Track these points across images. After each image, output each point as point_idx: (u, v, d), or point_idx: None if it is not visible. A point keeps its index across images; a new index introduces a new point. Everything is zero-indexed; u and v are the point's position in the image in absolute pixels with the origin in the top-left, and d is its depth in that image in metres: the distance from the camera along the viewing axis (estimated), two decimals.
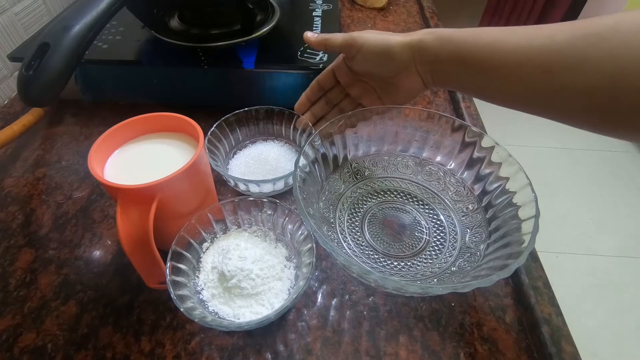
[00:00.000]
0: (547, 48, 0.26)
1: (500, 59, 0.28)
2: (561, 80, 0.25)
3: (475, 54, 0.30)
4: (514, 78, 0.28)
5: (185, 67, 0.47)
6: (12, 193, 0.41)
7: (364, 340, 0.30)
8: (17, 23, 0.55)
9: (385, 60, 0.34)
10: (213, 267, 0.31)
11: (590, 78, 0.24)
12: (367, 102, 0.39)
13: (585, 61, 0.24)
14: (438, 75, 0.34)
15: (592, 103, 0.25)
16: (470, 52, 0.30)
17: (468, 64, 0.30)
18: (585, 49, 0.24)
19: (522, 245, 0.28)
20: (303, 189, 0.32)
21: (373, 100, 0.39)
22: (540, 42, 0.26)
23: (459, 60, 0.31)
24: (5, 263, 0.35)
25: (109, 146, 0.31)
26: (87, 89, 0.49)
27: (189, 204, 0.32)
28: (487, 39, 0.29)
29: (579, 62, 0.24)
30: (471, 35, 0.30)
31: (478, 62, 0.30)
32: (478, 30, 0.30)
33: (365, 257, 0.35)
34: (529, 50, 0.27)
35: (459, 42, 0.31)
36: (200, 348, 0.30)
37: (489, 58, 0.29)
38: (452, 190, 0.39)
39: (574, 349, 0.29)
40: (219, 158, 0.41)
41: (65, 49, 0.32)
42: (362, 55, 0.35)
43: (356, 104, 0.41)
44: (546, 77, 0.26)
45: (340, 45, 0.36)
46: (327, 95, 0.41)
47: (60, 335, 0.30)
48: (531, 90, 0.28)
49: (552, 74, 0.26)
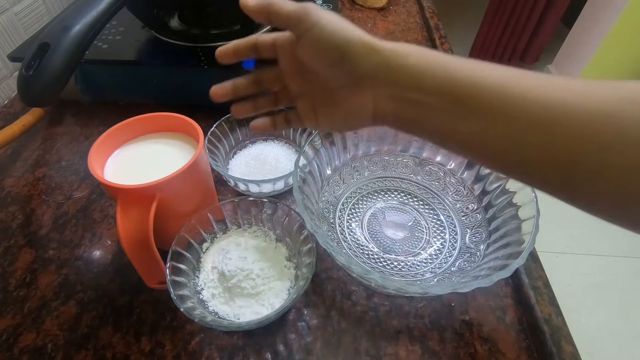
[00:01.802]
0: (586, 109, 0.19)
1: (518, 108, 0.21)
2: (605, 154, 0.19)
3: (480, 93, 0.21)
4: (533, 137, 0.20)
5: (185, 67, 0.46)
6: (12, 193, 0.41)
7: (364, 340, 0.30)
8: (17, 23, 0.55)
9: (338, 58, 0.24)
10: (213, 267, 0.31)
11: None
12: (301, 106, 0.29)
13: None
14: (405, 108, 0.24)
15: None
16: (474, 89, 0.22)
17: (465, 103, 0.22)
18: (638, 120, 0.18)
19: (522, 245, 0.28)
20: (303, 189, 0.32)
21: (308, 107, 0.29)
22: (576, 98, 0.19)
23: (452, 95, 0.22)
24: (5, 263, 0.35)
25: (109, 146, 0.31)
26: (87, 89, 0.49)
27: (189, 204, 0.32)
28: (498, 77, 0.21)
29: (630, 135, 0.18)
30: (474, 68, 0.22)
31: (482, 105, 0.21)
32: (479, 63, 0.23)
33: (365, 257, 0.35)
34: (558, 106, 0.20)
35: (456, 72, 0.22)
36: (200, 348, 0.30)
37: (501, 103, 0.21)
38: (452, 190, 0.39)
39: (574, 349, 0.29)
40: (219, 158, 0.41)
41: (65, 49, 0.32)
42: (311, 38, 0.24)
43: (290, 101, 0.30)
44: (584, 145, 0.19)
45: (288, 15, 0.25)
46: (259, 73, 0.30)
47: (60, 335, 0.30)
48: (553, 155, 0.20)
49: (593, 144, 0.19)
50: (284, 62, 0.29)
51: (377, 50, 0.23)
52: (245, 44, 0.29)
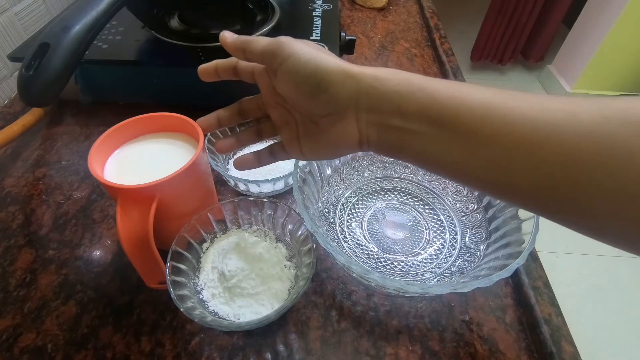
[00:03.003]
0: (572, 129, 0.18)
1: (501, 131, 0.20)
2: (592, 175, 0.18)
3: (463, 116, 0.21)
4: (518, 160, 0.20)
5: (185, 67, 0.46)
6: (12, 193, 0.41)
7: (364, 340, 0.30)
8: (17, 23, 0.55)
9: (314, 88, 0.24)
10: (213, 267, 0.31)
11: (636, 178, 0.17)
12: (284, 137, 0.28)
13: (629, 156, 0.17)
14: (389, 134, 0.23)
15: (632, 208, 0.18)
16: (456, 112, 0.21)
17: (448, 127, 0.21)
18: (627, 140, 0.17)
19: (522, 245, 0.28)
20: (303, 189, 0.32)
21: (291, 137, 0.28)
22: (561, 119, 0.19)
23: (434, 119, 0.21)
24: (5, 263, 0.35)
25: (109, 146, 0.31)
26: (87, 89, 0.49)
27: (189, 204, 0.32)
28: (481, 99, 0.21)
29: (618, 156, 0.18)
30: (456, 90, 0.22)
31: (465, 129, 0.21)
32: (461, 85, 0.22)
33: (365, 257, 0.35)
34: (544, 126, 0.19)
35: (437, 95, 0.21)
36: (200, 348, 0.30)
37: (484, 126, 0.20)
38: (452, 190, 0.39)
39: (574, 349, 0.29)
40: (219, 158, 0.41)
41: (65, 49, 0.32)
42: (286, 70, 0.24)
43: (273, 135, 0.30)
44: (570, 167, 0.19)
45: (262, 50, 0.25)
46: (242, 103, 0.31)
47: (60, 335, 0.30)
48: (540, 178, 0.20)
49: (579, 165, 0.18)
50: (264, 92, 0.29)
51: (355, 76, 0.23)
52: (226, 65, 0.29)
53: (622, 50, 1.61)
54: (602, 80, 1.73)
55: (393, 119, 0.23)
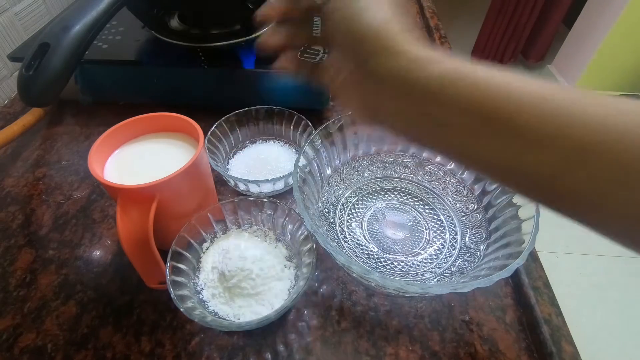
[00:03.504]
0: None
1: (565, 131, 0.17)
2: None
3: (519, 111, 0.18)
4: (581, 168, 0.17)
5: (185, 67, 0.46)
6: (12, 193, 0.41)
7: (364, 341, 0.30)
8: (17, 23, 0.55)
9: (350, 45, 0.22)
10: (213, 267, 0.31)
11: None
12: (331, 61, 0.26)
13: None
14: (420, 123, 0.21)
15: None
16: (513, 107, 0.18)
17: (499, 124, 0.18)
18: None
19: (522, 245, 0.28)
20: (303, 189, 0.32)
21: (336, 65, 0.25)
22: (617, 117, 0.16)
23: (484, 115, 0.18)
24: (5, 263, 0.35)
25: (109, 146, 0.31)
26: (87, 89, 0.49)
27: (189, 204, 0.32)
28: (539, 93, 0.18)
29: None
30: (515, 81, 0.18)
31: (519, 126, 0.18)
32: (515, 75, 0.19)
33: (365, 257, 0.35)
34: (605, 125, 0.16)
35: (490, 86, 0.18)
36: (200, 348, 0.30)
37: (549, 124, 0.17)
38: (452, 190, 0.39)
39: (574, 349, 0.29)
40: (219, 158, 0.41)
41: (65, 49, 0.32)
42: (330, 23, 0.23)
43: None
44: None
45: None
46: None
47: (60, 335, 0.30)
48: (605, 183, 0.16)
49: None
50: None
51: (398, 54, 0.20)
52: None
53: (622, 50, 1.61)
54: (602, 80, 1.73)
55: (430, 107, 0.20)
